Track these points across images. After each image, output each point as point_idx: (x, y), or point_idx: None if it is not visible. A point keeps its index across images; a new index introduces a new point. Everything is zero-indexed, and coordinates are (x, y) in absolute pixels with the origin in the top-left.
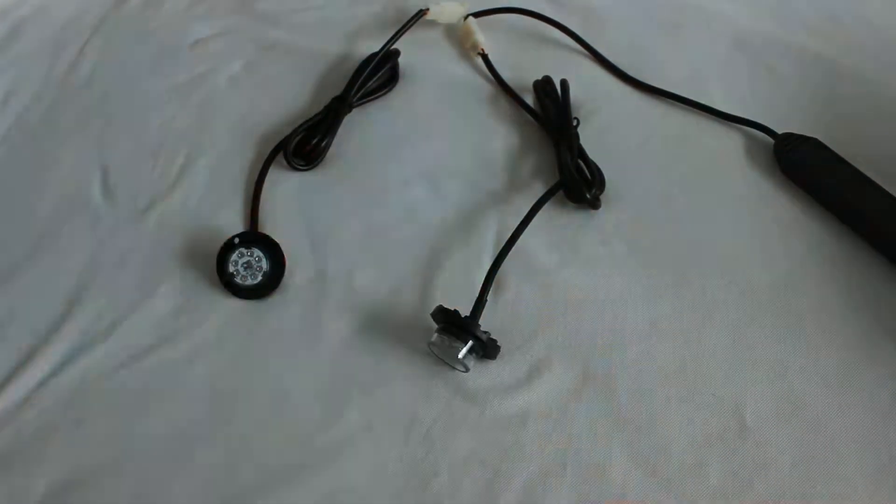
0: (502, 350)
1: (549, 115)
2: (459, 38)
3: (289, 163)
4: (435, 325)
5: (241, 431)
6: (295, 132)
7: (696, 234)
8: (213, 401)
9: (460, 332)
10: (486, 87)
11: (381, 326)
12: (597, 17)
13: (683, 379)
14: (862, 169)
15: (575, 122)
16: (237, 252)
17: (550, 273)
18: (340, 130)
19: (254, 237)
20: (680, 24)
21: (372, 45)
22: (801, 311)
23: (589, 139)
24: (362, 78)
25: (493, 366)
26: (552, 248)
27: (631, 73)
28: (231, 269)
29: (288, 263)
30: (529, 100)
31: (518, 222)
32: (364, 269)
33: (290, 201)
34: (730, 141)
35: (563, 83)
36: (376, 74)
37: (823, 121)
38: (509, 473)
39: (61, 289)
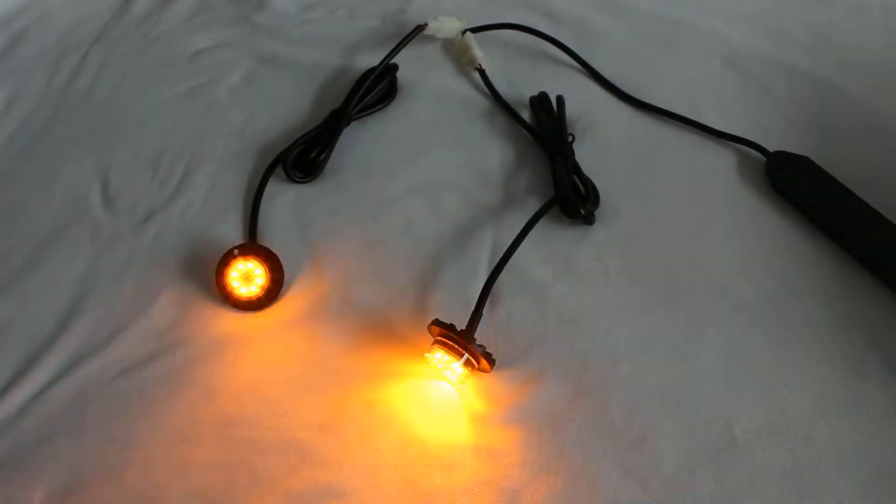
0: (497, 363)
1: (544, 130)
2: (457, 54)
3: (288, 175)
4: (431, 338)
5: (239, 441)
6: (294, 144)
7: (688, 250)
8: (211, 411)
9: (456, 344)
10: (482, 102)
11: (377, 338)
12: (593, 35)
13: (674, 393)
14: (851, 187)
15: (570, 138)
16: (237, 263)
17: (545, 287)
18: (339, 143)
19: (253, 249)
20: (674, 42)
21: (371, 59)
22: (791, 327)
23: (584, 155)
24: (361, 91)
25: (487, 379)
26: (546, 263)
27: (626, 89)
28: (230, 279)
29: (286, 275)
30: (525, 115)
31: (513, 237)
32: (361, 282)
33: (288, 213)
34: (722, 158)
35: (559, 99)
36: (375, 88)
37: (814, 139)
38: (503, 485)
39: (61, 298)
